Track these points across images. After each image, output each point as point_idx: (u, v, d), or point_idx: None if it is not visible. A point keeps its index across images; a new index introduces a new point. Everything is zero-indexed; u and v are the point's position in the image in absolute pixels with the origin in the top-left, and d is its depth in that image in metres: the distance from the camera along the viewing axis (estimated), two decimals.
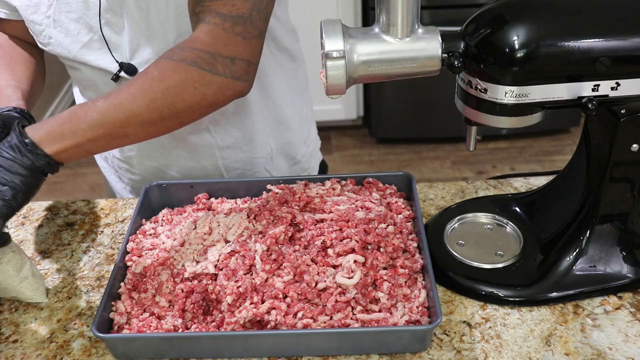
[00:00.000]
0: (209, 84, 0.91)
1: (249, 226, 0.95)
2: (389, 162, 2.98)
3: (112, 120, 0.86)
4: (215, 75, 0.91)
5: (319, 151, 1.40)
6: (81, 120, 0.86)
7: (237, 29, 0.92)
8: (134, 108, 0.87)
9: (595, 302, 0.89)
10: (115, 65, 1.05)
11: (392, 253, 0.90)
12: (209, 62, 0.90)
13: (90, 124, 0.86)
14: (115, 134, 0.88)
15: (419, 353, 0.83)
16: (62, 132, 0.85)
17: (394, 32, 0.78)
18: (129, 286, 0.91)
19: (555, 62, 0.76)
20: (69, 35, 1.04)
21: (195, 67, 0.90)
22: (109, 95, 0.88)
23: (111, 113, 0.86)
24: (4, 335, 0.90)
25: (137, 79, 0.90)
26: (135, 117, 0.88)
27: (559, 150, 2.98)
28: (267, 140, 1.22)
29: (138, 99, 0.87)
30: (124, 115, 0.87)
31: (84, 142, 0.86)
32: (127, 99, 0.87)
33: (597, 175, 0.88)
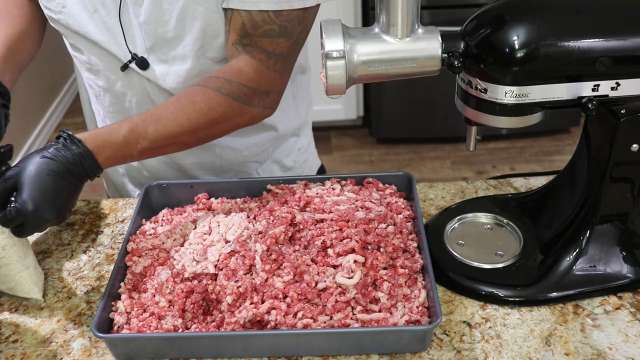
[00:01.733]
0: (244, 115, 1.01)
1: (249, 226, 0.95)
2: (389, 162, 2.98)
3: (159, 146, 0.95)
4: (251, 107, 1.00)
5: (317, 158, 1.40)
6: (133, 147, 0.92)
7: (277, 66, 1.00)
8: (179, 136, 0.96)
9: (595, 302, 0.89)
10: (128, 55, 1.04)
11: (392, 253, 0.90)
12: (249, 97, 0.99)
13: (140, 150, 0.93)
14: (156, 153, 0.98)
15: (419, 353, 0.83)
16: (116, 158, 0.91)
17: (394, 32, 0.78)
18: (129, 286, 0.91)
19: (555, 62, 0.76)
20: (85, 10, 1.03)
21: (238, 102, 0.99)
22: (158, 120, 0.94)
23: (160, 142, 0.94)
24: (4, 335, 0.90)
25: (184, 105, 0.96)
26: (178, 142, 0.97)
27: (559, 150, 2.98)
28: (266, 147, 1.22)
29: (184, 130, 0.96)
30: (169, 142, 0.96)
31: (130, 161, 0.95)
32: (174, 129, 0.95)
33: (597, 175, 0.88)
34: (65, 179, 0.84)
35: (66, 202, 0.85)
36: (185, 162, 1.18)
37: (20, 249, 0.91)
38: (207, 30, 1.00)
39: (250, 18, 0.96)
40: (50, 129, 3.35)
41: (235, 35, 0.98)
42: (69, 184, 0.85)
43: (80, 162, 0.86)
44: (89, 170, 0.87)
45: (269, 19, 0.96)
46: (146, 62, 1.05)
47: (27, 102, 3.03)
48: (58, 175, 0.84)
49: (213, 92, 0.97)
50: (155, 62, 1.05)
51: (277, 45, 0.98)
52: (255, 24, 0.96)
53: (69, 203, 0.86)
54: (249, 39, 0.97)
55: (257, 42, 0.97)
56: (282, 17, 0.96)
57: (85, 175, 0.88)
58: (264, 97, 1.01)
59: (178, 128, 0.95)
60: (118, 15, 1.02)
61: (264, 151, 1.22)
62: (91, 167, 0.88)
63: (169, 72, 1.05)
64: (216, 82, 0.98)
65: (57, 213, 0.84)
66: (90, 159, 0.87)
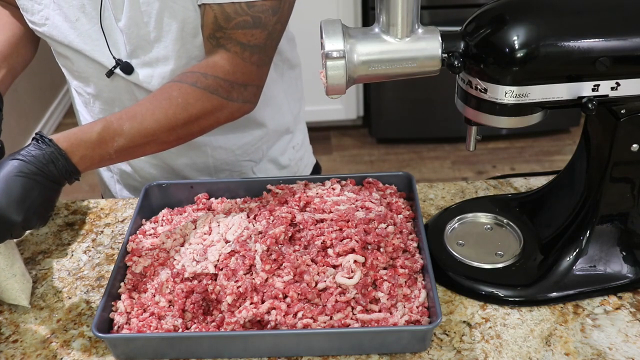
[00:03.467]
0: (223, 110, 0.99)
1: (249, 226, 0.95)
2: (389, 162, 2.98)
3: (136, 144, 0.92)
4: (230, 101, 0.99)
5: (312, 155, 1.40)
6: (109, 145, 0.89)
7: (254, 58, 0.99)
8: (156, 132, 0.94)
9: (595, 302, 0.89)
10: (112, 60, 1.05)
11: (392, 253, 0.90)
12: (227, 90, 0.98)
13: (117, 148, 0.90)
14: (135, 154, 0.96)
15: (419, 353, 0.83)
16: (92, 157, 0.88)
17: (394, 32, 0.78)
18: (129, 286, 0.91)
19: (555, 62, 0.76)
20: (67, 20, 1.03)
21: (216, 96, 0.97)
22: (134, 117, 0.92)
23: (137, 139, 0.92)
24: (4, 335, 0.90)
25: (160, 101, 0.94)
26: (156, 139, 0.95)
27: (559, 150, 2.98)
28: (261, 146, 1.22)
29: (161, 125, 0.94)
30: (147, 140, 0.93)
31: (108, 161, 0.92)
32: (151, 125, 0.93)
33: (597, 175, 0.88)
34: (36, 180, 0.80)
35: (38, 204, 0.81)
36: (178, 163, 1.18)
37: (7, 256, 0.91)
38: (186, 29, 1.00)
39: (222, 11, 0.95)
40: (51, 129, 3.35)
41: (209, 30, 0.98)
42: (40, 185, 0.81)
43: (52, 161, 0.82)
44: (63, 171, 0.83)
45: (241, 11, 0.95)
46: (130, 67, 1.05)
47: (27, 102, 3.03)
48: (27, 176, 0.80)
49: (189, 86, 0.95)
50: (139, 66, 1.05)
51: (251, 37, 0.97)
52: (227, 16, 0.95)
53: (43, 206, 0.82)
54: (222, 32, 0.96)
55: (231, 34, 0.96)
56: (255, 8, 0.95)
57: (60, 177, 0.83)
58: (242, 90, 1.00)
59: (155, 124, 0.93)
60: (100, 22, 1.02)
61: (257, 149, 1.22)
62: (65, 168, 0.83)
63: (153, 74, 1.05)
64: (192, 77, 0.96)
65: (25, 216, 0.79)
66: (63, 158, 0.83)
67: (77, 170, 0.85)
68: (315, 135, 1.41)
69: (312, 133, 1.42)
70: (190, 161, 1.18)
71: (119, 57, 1.05)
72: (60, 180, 0.84)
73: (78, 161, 0.85)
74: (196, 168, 1.19)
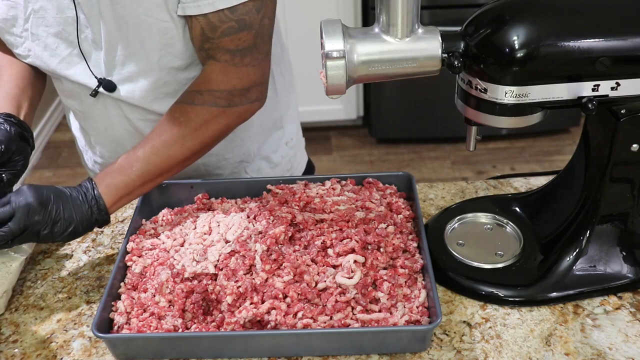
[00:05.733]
0: (229, 116, 1.02)
1: (249, 226, 0.95)
2: (389, 162, 2.98)
3: (155, 166, 0.98)
4: (234, 107, 1.01)
5: (304, 151, 1.39)
6: (129, 171, 0.97)
7: (246, 60, 1.00)
8: (170, 152, 0.99)
9: (595, 302, 0.89)
10: (94, 80, 1.05)
11: (392, 253, 0.90)
12: (227, 99, 1.00)
13: (137, 173, 0.97)
14: (158, 175, 1.00)
15: (419, 353, 0.83)
16: (116, 185, 0.96)
17: (394, 32, 0.78)
18: (129, 286, 0.91)
19: (555, 62, 0.76)
20: (47, 49, 1.04)
21: (215, 107, 1.00)
22: (145, 143, 0.99)
23: (152, 160, 0.98)
24: (4, 335, 0.90)
25: (165, 124, 1.00)
26: (173, 158, 1.00)
27: (559, 150, 2.98)
28: (250, 145, 1.22)
29: (171, 144, 0.99)
30: (163, 159, 0.99)
31: (134, 189, 0.98)
32: (161, 146, 0.99)
33: (597, 175, 0.88)
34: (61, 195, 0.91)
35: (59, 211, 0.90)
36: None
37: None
38: (163, 40, 1.00)
39: (207, 21, 0.96)
40: (50, 129, 3.35)
41: (198, 42, 0.99)
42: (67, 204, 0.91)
43: (83, 192, 0.94)
44: (90, 199, 0.93)
45: (225, 17, 0.95)
46: (112, 84, 1.06)
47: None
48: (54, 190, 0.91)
49: (187, 105, 1.00)
50: (120, 82, 1.05)
51: (239, 41, 0.97)
52: (212, 26, 0.96)
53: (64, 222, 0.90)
54: (210, 42, 0.98)
55: (219, 43, 0.97)
56: (238, 12, 0.95)
57: (89, 207, 0.93)
58: (244, 93, 1.02)
59: (164, 144, 0.99)
60: (78, 46, 1.03)
61: (247, 150, 1.22)
62: (92, 195, 0.93)
63: (134, 89, 1.05)
64: (188, 97, 1.00)
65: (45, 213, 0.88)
66: (90, 186, 0.94)
67: (102, 201, 0.94)
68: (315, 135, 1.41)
69: (312, 133, 1.41)
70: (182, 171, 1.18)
71: (100, 77, 1.05)
72: (86, 213, 0.92)
73: (104, 190, 0.94)
74: (185, 174, 1.19)
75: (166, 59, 1.02)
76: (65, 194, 0.92)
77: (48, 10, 1.01)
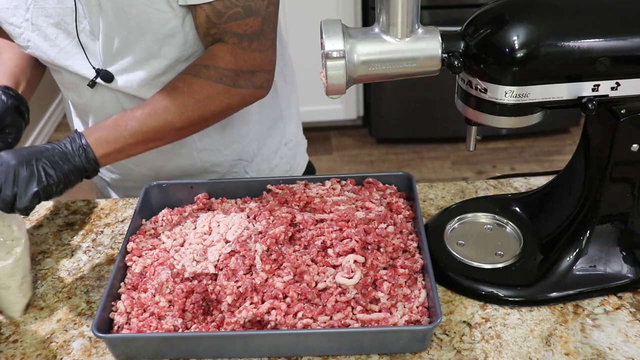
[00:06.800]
0: (233, 96, 1.02)
1: (249, 226, 0.95)
2: (389, 162, 2.98)
3: (150, 128, 0.97)
4: (239, 88, 1.01)
5: (305, 153, 1.39)
6: (122, 128, 0.96)
7: (254, 46, 1.00)
8: (168, 118, 0.98)
9: (595, 302, 0.89)
10: (92, 71, 1.06)
11: (392, 253, 0.90)
12: (233, 79, 1.00)
13: (130, 131, 0.96)
14: (151, 139, 0.99)
15: (419, 353, 0.83)
16: (107, 139, 0.95)
17: (394, 32, 0.78)
18: (129, 286, 0.91)
19: (555, 62, 0.76)
20: (47, 39, 1.04)
21: (221, 84, 1.00)
22: (145, 105, 0.99)
23: (148, 122, 0.97)
24: (4, 335, 0.90)
25: (168, 91, 0.99)
26: (169, 124, 0.99)
27: (559, 150, 2.98)
28: (249, 143, 1.21)
29: (171, 110, 0.98)
30: (160, 124, 0.98)
31: (125, 146, 0.96)
32: (161, 110, 0.98)
33: (597, 175, 0.88)
34: (49, 152, 0.90)
35: (41, 164, 0.88)
36: (166, 167, 1.18)
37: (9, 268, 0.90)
38: (163, 30, 1.00)
39: (212, 9, 0.96)
40: (51, 129, 3.35)
41: (203, 29, 0.99)
42: (47, 150, 0.90)
43: (69, 141, 0.92)
44: (77, 148, 0.91)
45: (230, 4, 0.96)
46: (110, 75, 1.06)
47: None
48: (33, 148, 0.90)
49: (192, 77, 0.99)
50: (118, 73, 1.05)
51: (246, 26, 0.98)
52: (218, 12, 0.96)
53: (51, 170, 0.89)
54: (216, 28, 0.98)
55: (225, 28, 0.97)
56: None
57: (74, 153, 0.91)
58: (250, 77, 1.02)
59: (164, 110, 0.98)
60: (77, 36, 1.03)
61: (246, 148, 1.21)
62: (80, 144, 0.92)
63: (132, 79, 1.05)
64: (194, 69, 1.00)
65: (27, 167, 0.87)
66: (78, 137, 0.93)
67: (91, 150, 0.92)
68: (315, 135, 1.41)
69: (312, 133, 1.41)
70: (178, 164, 1.18)
71: (98, 67, 1.05)
72: (74, 161, 0.91)
73: (93, 141, 0.93)
74: (184, 171, 1.19)
75: (166, 50, 1.02)
76: (47, 149, 0.90)
77: (48, 1, 1.01)
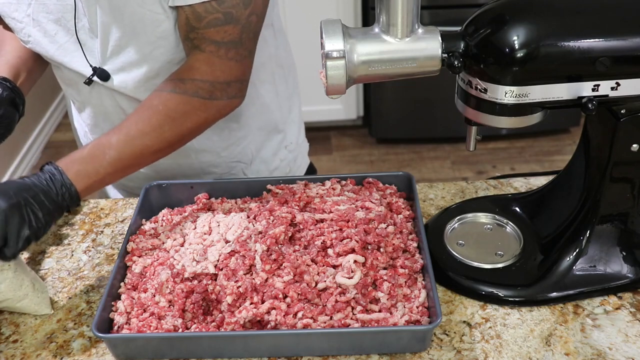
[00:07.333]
0: (209, 109, 1.01)
1: (249, 226, 0.95)
2: (389, 162, 2.98)
3: (128, 155, 0.96)
4: (214, 100, 1.00)
5: (306, 156, 1.38)
6: (101, 158, 0.94)
7: (231, 54, 0.99)
8: (145, 142, 0.97)
9: (595, 302, 0.89)
10: (89, 69, 1.06)
11: (392, 253, 0.90)
12: (209, 91, 0.99)
13: (109, 160, 0.94)
14: (129, 165, 0.97)
15: (419, 353, 0.83)
16: (87, 172, 0.92)
17: (394, 32, 0.78)
18: (129, 286, 0.91)
19: (555, 62, 0.76)
20: (47, 35, 1.05)
21: (197, 98, 0.99)
22: (120, 130, 0.97)
23: (126, 149, 0.95)
24: (4, 335, 0.90)
25: (143, 112, 0.98)
26: (147, 149, 0.97)
27: (559, 150, 2.98)
28: (247, 146, 1.21)
29: (147, 133, 0.97)
30: (138, 149, 0.97)
31: (104, 177, 0.94)
32: (137, 135, 0.96)
33: (597, 175, 0.88)
34: (29, 189, 0.86)
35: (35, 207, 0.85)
36: (163, 166, 1.17)
37: (11, 283, 0.89)
38: (156, 32, 1.00)
39: (192, 11, 0.95)
40: (51, 129, 3.35)
41: (183, 32, 0.99)
42: (31, 189, 0.86)
43: (50, 179, 0.88)
44: (59, 187, 0.88)
45: (211, 9, 0.95)
46: (106, 73, 1.06)
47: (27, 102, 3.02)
48: (18, 186, 0.86)
49: (168, 93, 0.99)
50: (114, 72, 1.05)
51: (225, 34, 0.97)
52: (198, 16, 0.96)
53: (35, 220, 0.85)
54: (195, 32, 0.97)
55: (204, 34, 0.97)
56: (225, 4, 0.95)
57: (58, 195, 0.88)
58: (225, 88, 1.01)
59: (140, 133, 0.97)
60: (75, 34, 1.03)
61: (244, 150, 1.21)
62: (62, 183, 0.89)
63: (127, 79, 1.05)
64: (170, 85, 0.99)
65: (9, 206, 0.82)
66: (58, 173, 0.89)
67: (74, 188, 0.89)
68: (315, 135, 1.40)
69: (312, 133, 1.41)
70: (175, 164, 1.18)
71: (95, 65, 1.06)
72: (57, 199, 0.88)
73: (74, 176, 0.90)
74: (182, 171, 1.19)
75: (159, 52, 1.02)
76: (31, 188, 0.86)
77: None
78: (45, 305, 0.93)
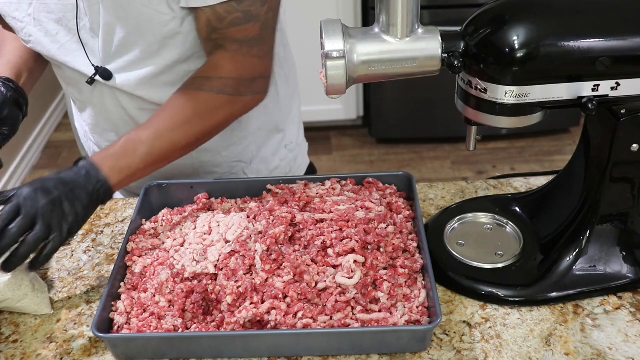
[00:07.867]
0: (235, 105, 1.03)
1: (249, 226, 0.95)
2: (389, 162, 2.98)
3: (158, 151, 0.98)
4: (240, 96, 1.02)
5: (306, 155, 1.38)
6: (132, 153, 0.96)
7: (254, 51, 1.01)
8: (174, 138, 0.99)
9: (595, 302, 0.89)
10: (91, 68, 1.06)
11: (392, 253, 0.90)
12: (234, 88, 1.01)
13: (141, 156, 0.96)
14: (160, 160, 0.99)
15: (419, 353, 0.83)
16: (120, 167, 0.94)
17: (394, 32, 0.78)
18: (129, 286, 0.91)
19: (555, 62, 0.76)
20: (48, 35, 1.05)
21: (223, 95, 1.01)
22: (149, 126, 0.99)
23: (156, 145, 0.97)
24: (4, 335, 0.90)
25: (171, 109, 1.00)
26: (176, 145, 1.00)
27: (559, 150, 2.98)
28: (248, 145, 1.21)
29: (176, 130, 0.99)
30: (167, 145, 0.99)
31: (136, 172, 0.96)
32: (167, 131, 0.99)
33: (597, 175, 0.88)
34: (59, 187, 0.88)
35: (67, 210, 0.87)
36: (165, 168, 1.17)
37: (10, 284, 0.89)
38: (162, 32, 1.00)
39: (214, 12, 0.96)
40: (51, 129, 3.35)
41: (204, 33, 1.00)
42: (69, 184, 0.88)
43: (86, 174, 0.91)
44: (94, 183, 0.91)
45: (232, 9, 0.96)
46: (108, 72, 1.06)
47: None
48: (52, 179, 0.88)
49: (195, 91, 1.00)
50: (117, 71, 1.06)
51: (246, 32, 0.98)
52: (219, 17, 0.97)
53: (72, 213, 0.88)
54: (218, 33, 0.98)
55: (226, 33, 0.98)
56: (244, 3, 0.96)
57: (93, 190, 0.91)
58: (249, 84, 1.03)
59: (168, 130, 0.98)
60: (77, 33, 1.03)
61: (245, 150, 1.21)
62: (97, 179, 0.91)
63: (130, 77, 1.06)
64: (196, 82, 1.01)
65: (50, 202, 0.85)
66: (94, 169, 0.91)
67: (108, 184, 0.92)
68: (315, 135, 1.41)
69: (312, 133, 1.41)
70: (175, 163, 1.17)
71: (97, 64, 1.06)
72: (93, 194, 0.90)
73: (108, 172, 0.92)
74: (182, 171, 1.19)
75: (165, 51, 1.02)
76: (69, 183, 0.89)
77: None
78: (45, 305, 0.93)
